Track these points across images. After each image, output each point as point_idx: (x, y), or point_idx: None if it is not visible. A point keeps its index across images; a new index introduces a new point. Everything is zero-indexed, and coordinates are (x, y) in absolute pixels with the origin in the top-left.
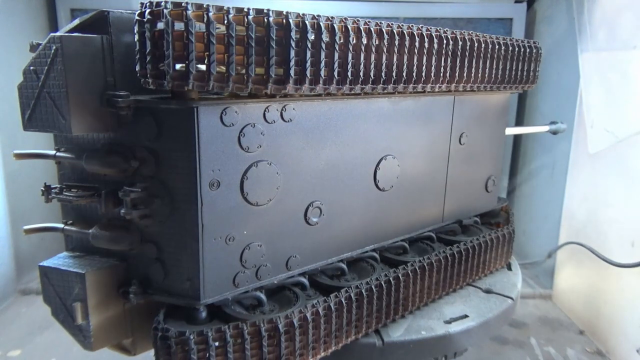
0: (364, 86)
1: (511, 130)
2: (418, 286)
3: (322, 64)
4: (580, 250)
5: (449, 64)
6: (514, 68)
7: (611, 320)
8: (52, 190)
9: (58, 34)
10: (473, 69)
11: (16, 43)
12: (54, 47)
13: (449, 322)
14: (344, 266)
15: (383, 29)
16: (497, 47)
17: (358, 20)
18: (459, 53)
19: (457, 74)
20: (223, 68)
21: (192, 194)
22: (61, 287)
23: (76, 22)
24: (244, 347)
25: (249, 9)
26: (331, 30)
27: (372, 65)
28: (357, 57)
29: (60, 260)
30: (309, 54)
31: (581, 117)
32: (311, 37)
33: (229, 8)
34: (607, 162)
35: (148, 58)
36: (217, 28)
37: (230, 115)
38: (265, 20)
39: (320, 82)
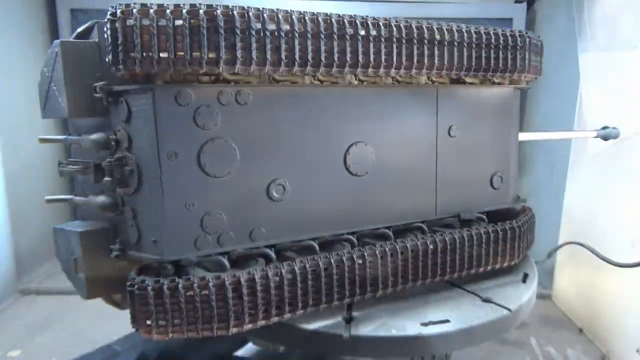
0: (316, 69)
1: (547, 135)
2: (385, 269)
3: (268, 48)
4: (580, 250)
5: (399, 50)
6: (491, 56)
7: (611, 320)
8: (60, 165)
9: (59, 40)
10: (426, 56)
11: (16, 43)
12: (56, 51)
13: (426, 324)
14: (314, 244)
15: (333, 19)
16: (458, 34)
17: (302, 12)
18: (408, 39)
19: (415, 60)
20: (181, 53)
21: (153, 164)
22: (65, 245)
23: (78, 30)
24: (193, 299)
25: (200, 4)
26: (276, 19)
27: (323, 50)
28: (304, 43)
29: (69, 224)
30: (253, 40)
31: (581, 117)
32: (256, 25)
33: (183, 5)
34: (607, 162)
35: (119, 49)
36: (176, 22)
37: (184, 96)
38: (215, 13)
39: (267, 64)
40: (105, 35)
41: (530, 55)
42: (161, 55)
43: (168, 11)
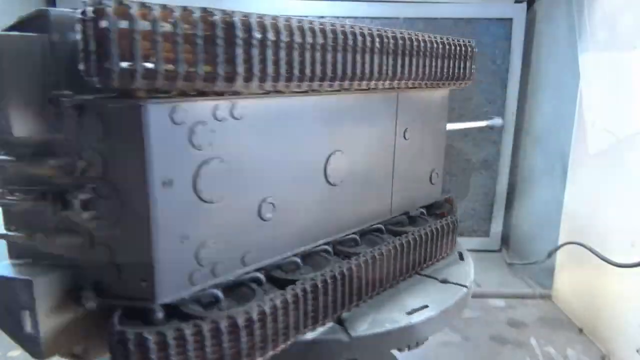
0: (311, 83)
1: (452, 126)
2: (371, 275)
3: (270, 62)
4: (580, 250)
5: (390, 62)
6: (451, 66)
7: (611, 320)
8: None
9: None
10: (414, 67)
11: None
12: None
13: (410, 313)
14: (299, 260)
15: (327, 29)
16: (435, 45)
17: (302, 20)
18: (400, 51)
19: (399, 72)
20: (171, 66)
21: (143, 194)
22: (7, 296)
23: (16, 20)
24: (203, 345)
25: (194, 8)
26: (276, 29)
27: (319, 63)
28: (303, 55)
29: (6, 268)
30: (256, 52)
31: (581, 117)
32: (257, 36)
33: (173, 7)
34: (607, 162)
35: (93, 57)
36: (162, 26)
37: (180, 113)
38: (211, 18)
39: (269, 79)
40: (79, 38)
41: (474, 64)
42: (146, 66)
43: (155, 12)
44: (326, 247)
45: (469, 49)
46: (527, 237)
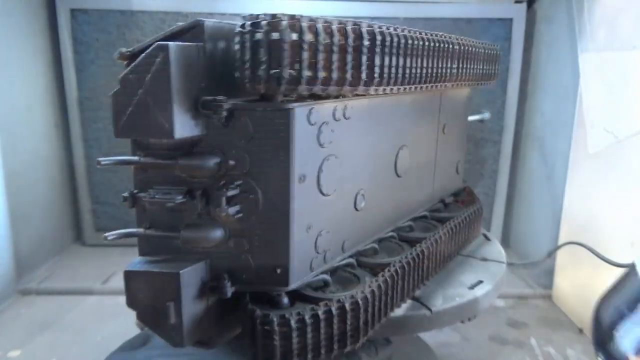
0: (401, 87)
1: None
2: (434, 257)
3: (385, 67)
4: (580, 250)
5: (456, 65)
6: (486, 67)
7: None
8: (140, 195)
9: (167, 42)
10: (467, 69)
11: (15, 43)
12: (161, 55)
13: (472, 288)
14: (377, 246)
15: (415, 35)
16: (481, 50)
17: (392, 27)
18: (462, 55)
19: (457, 73)
20: (310, 73)
21: (285, 189)
22: (151, 290)
23: (172, 29)
24: (332, 323)
25: (332, 20)
26: (389, 37)
27: (414, 67)
28: (406, 59)
29: (145, 265)
30: (378, 59)
31: (581, 117)
32: (382, 43)
33: (316, 18)
34: (607, 162)
35: (249, 65)
36: (309, 37)
37: (314, 115)
38: (346, 29)
39: (383, 83)
40: (240, 47)
41: (499, 65)
42: (292, 73)
43: (319, 26)
44: (393, 234)
45: (497, 52)
46: (527, 237)
